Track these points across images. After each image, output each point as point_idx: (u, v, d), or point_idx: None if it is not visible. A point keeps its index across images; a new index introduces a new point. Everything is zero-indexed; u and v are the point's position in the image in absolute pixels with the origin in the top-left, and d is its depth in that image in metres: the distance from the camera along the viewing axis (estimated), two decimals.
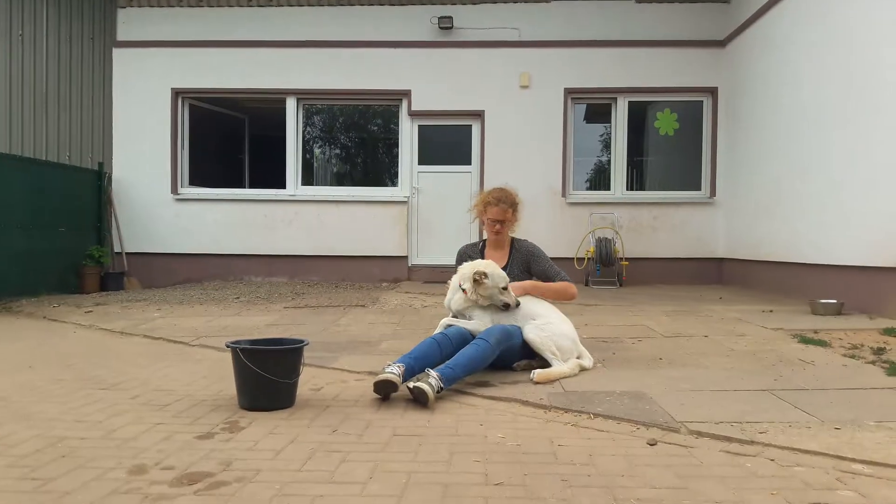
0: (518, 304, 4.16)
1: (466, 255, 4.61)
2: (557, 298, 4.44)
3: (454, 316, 4.31)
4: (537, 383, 3.85)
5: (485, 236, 4.75)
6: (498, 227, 4.48)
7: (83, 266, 9.74)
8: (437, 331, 4.17)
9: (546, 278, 4.48)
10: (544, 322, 4.18)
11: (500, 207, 4.46)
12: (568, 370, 4.03)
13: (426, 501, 2.26)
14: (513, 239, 4.64)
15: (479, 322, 4.15)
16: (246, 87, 10.75)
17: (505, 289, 4.12)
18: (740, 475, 2.52)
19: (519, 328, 4.19)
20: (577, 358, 4.20)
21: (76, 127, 10.30)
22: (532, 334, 4.11)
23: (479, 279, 4.09)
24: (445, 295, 4.40)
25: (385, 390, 3.56)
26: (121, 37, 10.68)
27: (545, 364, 4.09)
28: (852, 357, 4.54)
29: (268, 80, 10.67)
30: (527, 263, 4.52)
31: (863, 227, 6.67)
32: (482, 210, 4.55)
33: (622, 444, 2.89)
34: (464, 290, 4.16)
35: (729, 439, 2.90)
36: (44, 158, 9.70)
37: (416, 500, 2.28)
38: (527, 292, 4.32)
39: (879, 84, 6.46)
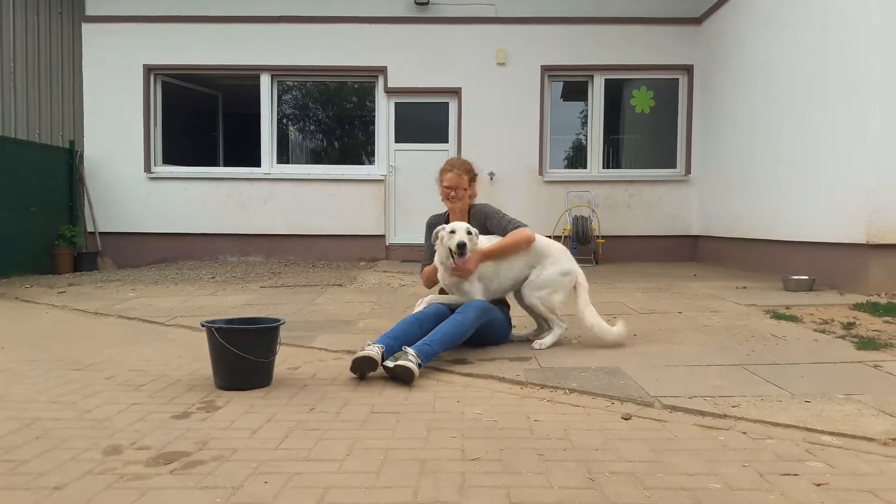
0: (466, 273, 4.07)
1: (433, 224, 4.52)
2: (516, 250, 4.26)
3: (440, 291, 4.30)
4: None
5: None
6: (452, 193, 4.34)
7: (55, 246, 9.58)
8: (416, 310, 4.13)
9: (502, 232, 4.34)
10: (541, 281, 4.25)
11: (454, 173, 4.34)
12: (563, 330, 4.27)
13: (403, 477, 2.28)
14: (470, 206, 4.50)
15: (469, 292, 4.14)
16: (219, 63, 10.57)
17: (461, 247, 3.95)
18: (713, 448, 2.56)
19: (496, 308, 4.22)
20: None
21: (46, 104, 10.08)
22: (532, 299, 4.24)
23: (439, 235, 4.11)
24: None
25: (363, 368, 3.54)
26: (90, 11, 10.42)
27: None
28: (823, 332, 4.63)
29: (242, 56, 10.50)
30: (483, 225, 4.39)
31: (833, 204, 6.77)
32: (440, 180, 4.44)
33: (597, 419, 2.92)
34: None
35: (702, 413, 2.95)
36: (13, 136, 9.48)
37: (394, 476, 2.29)
38: (484, 259, 4.17)
39: (853, 62, 6.52)
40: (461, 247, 3.95)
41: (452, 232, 4.04)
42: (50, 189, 9.77)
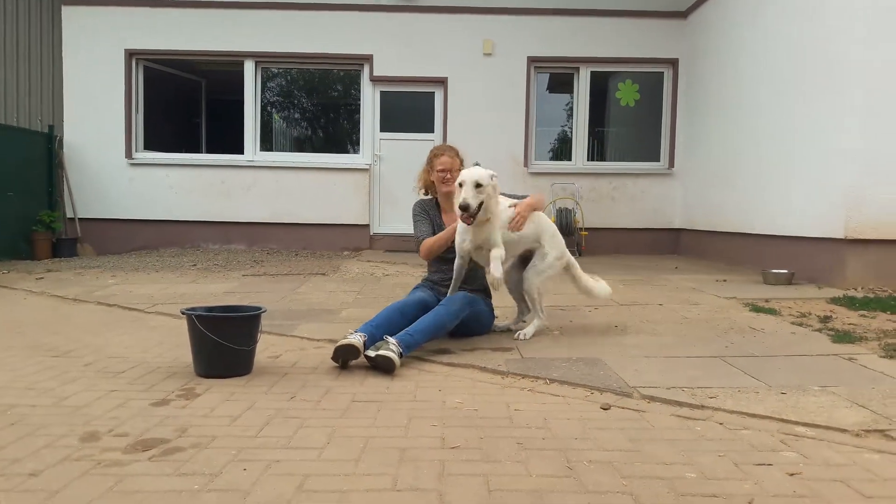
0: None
1: (423, 208, 4.46)
2: (543, 206, 4.40)
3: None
4: None
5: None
6: (448, 175, 4.31)
7: (34, 232, 9.45)
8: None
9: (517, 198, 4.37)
10: (544, 266, 4.26)
11: (447, 156, 4.38)
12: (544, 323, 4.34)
13: (383, 465, 2.29)
14: None
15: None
16: (203, 48, 10.44)
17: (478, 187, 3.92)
18: (690, 438, 2.59)
19: (481, 300, 4.23)
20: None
21: (24, 88, 9.91)
22: (531, 285, 4.22)
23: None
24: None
25: (344, 357, 3.53)
26: None
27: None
28: (800, 325, 4.69)
29: (226, 41, 10.38)
30: None
31: (812, 199, 6.84)
32: (428, 169, 4.42)
33: (577, 409, 2.94)
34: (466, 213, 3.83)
35: (680, 404, 2.98)
36: None
37: (373, 463, 2.30)
38: (534, 208, 4.27)
39: (835, 57, 6.57)
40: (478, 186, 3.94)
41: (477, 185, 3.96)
42: (28, 174, 9.62)
